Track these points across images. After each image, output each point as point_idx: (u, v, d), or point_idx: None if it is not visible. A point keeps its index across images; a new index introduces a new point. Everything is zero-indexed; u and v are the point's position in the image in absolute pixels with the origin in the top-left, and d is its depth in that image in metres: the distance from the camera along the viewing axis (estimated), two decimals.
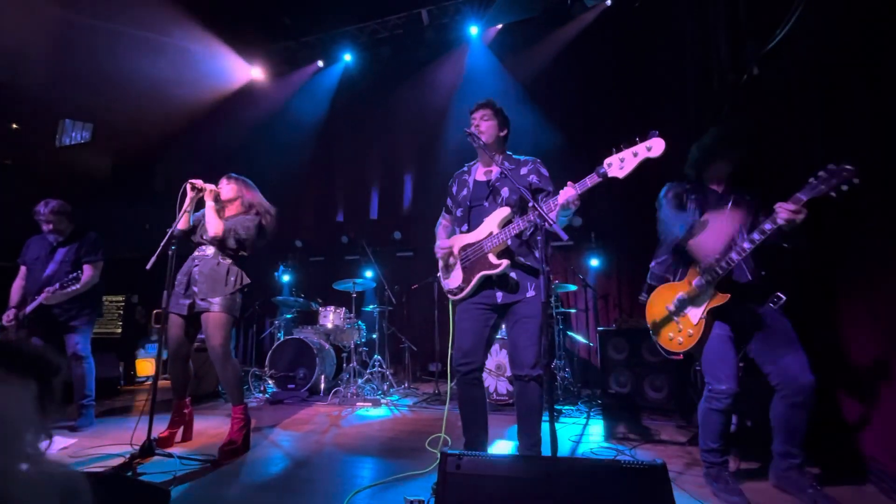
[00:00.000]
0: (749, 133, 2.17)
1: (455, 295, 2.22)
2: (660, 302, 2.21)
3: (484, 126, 2.18)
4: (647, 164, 1.70)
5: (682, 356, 2.12)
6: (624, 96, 5.25)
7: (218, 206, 2.83)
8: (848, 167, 1.68)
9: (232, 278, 2.80)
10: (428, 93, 6.24)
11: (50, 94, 6.33)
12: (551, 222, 1.63)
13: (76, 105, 6.81)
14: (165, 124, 6.67)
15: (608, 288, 5.18)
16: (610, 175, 1.69)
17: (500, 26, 5.85)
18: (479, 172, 2.28)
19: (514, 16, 5.71)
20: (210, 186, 2.82)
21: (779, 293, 1.99)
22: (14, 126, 7.02)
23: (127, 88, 6.25)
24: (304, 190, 6.94)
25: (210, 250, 2.83)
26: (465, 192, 2.28)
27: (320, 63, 6.53)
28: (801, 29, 2.62)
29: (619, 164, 1.67)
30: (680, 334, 2.09)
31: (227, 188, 2.92)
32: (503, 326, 2.23)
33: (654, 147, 1.62)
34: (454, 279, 2.21)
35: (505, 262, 2.02)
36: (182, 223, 2.78)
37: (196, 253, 2.87)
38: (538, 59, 5.81)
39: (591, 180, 1.76)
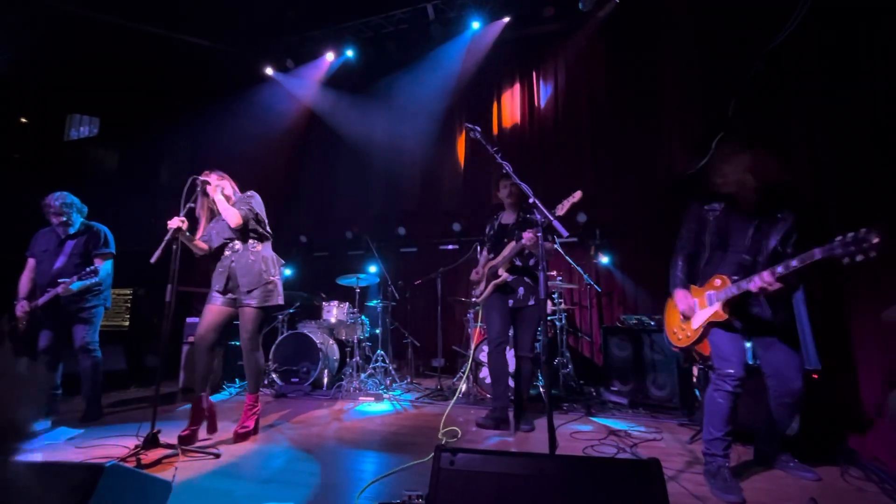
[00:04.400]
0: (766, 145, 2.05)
1: (478, 298, 3.29)
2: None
3: (515, 191, 3.13)
4: (652, 167, 1.76)
5: (678, 350, 2.33)
6: (629, 95, 5.20)
7: (223, 198, 2.87)
8: (874, 239, 1.60)
9: (270, 267, 2.90)
10: (433, 88, 6.21)
11: (58, 88, 6.39)
12: (551, 219, 1.72)
13: (84, 99, 6.86)
14: (171, 119, 6.70)
15: (612, 285, 5.16)
16: (558, 214, 2.33)
17: (506, 20, 5.79)
18: (504, 218, 3.26)
19: (519, 10, 5.65)
20: (214, 182, 2.84)
21: (780, 314, 2.08)
22: (23, 120, 7.09)
23: (134, 83, 6.29)
24: (308, 185, 6.96)
25: (238, 244, 2.88)
26: (492, 231, 3.29)
27: (328, 57, 6.50)
28: (807, 24, 2.58)
29: (562, 208, 2.40)
30: (683, 332, 2.26)
31: (225, 182, 2.95)
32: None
33: (576, 196, 2.40)
34: (480, 288, 3.26)
35: (505, 275, 3.06)
36: (201, 248, 2.90)
37: (227, 251, 2.91)
38: (546, 55, 5.77)
39: (549, 216, 2.18)
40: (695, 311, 2.17)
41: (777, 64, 2.94)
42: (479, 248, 3.47)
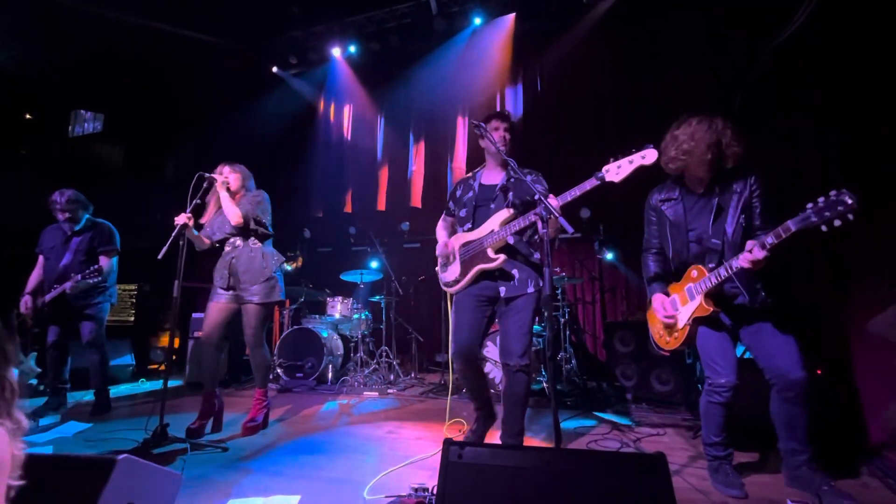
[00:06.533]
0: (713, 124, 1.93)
1: (450, 287, 2.36)
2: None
3: (508, 137, 2.33)
4: (656, 162, 1.80)
5: (668, 353, 2.16)
6: (633, 90, 5.16)
7: (231, 194, 2.89)
8: (848, 200, 1.55)
9: (269, 262, 2.90)
10: (437, 82, 6.19)
11: (63, 84, 6.40)
12: (557, 215, 1.67)
13: (88, 95, 6.88)
14: (176, 114, 6.71)
15: (616, 280, 5.16)
16: (607, 179, 1.83)
17: (513, 15, 5.76)
18: (486, 177, 2.40)
19: (522, 4, 5.62)
20: (220, 178, 2.85)
21: (767, 300, 1.95)
22: (28, 116, 7.12)
23: (138, 79, 6.29)
24: (312, 180, 6.96)
25: (239, 241, 2.90)
26: (470, 194, 2.39)
27: (332, 52, 6.48)
28: (815, 18, 2.56)
29: (616, 171, 1.82)
30: (669, 335, 2.12)
31: (233, 177, 2.95)
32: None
33: (648, 156, 1.79)
34: (451, 272, 2.35)
35: (501, 257, 2.15)
36: (203, 243, 2.92)
37: (227, 248, 2.93)
38: (550, 50, 5.73)
39: (589, 184, 1.89)
40: (678, 312, 2.05)
41: (785, 58, 2.92)
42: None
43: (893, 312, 2.10)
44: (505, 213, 2.18)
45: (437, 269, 2.49)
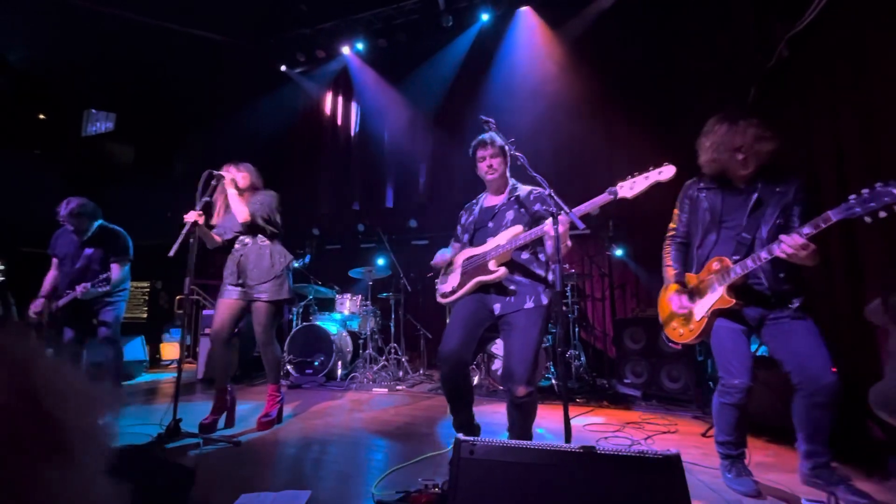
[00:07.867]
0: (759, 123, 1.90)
1: (447, 297, 2.31)
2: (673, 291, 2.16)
3: (495, 164, 2.24)
4: (666, 157, 1.78)
5: (680, 346, 2.14)
6: (647, 82, 5.10)
7: (239, 192, 2.90)
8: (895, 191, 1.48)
9: (278, 260, 2.91)
10: (445, 79, 6.17)
11: (75, 84, 6.48)
12: (567, 211, 1.66)
13: (101, 95, 6.95)
14: (186, 113, 6.76)
15: (626, 277, 5.11)
16: (619, 195, 1.81)
17: (525, 8, 5.72)
18: (487, 200, 2.38)
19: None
20: (228, 175, 2.86)
21: (794, 299, 1.89)
22: (41, 116, 7.22)
23: (149, 78, 6.35)
24: (320, 178, 6.99)
25: (248, 238, 2.92)
26: (471, 217, 2.39)
27: (340, 50, 6.49)
28: (832, 8, 2.50)
29: (630, 186, 1.80)
30: (685, 326, 2.08)
31: (241, 175, 2.96)
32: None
33: (665, 172, 1.76)
34: (449, 283, 2.31)
35: (502, 270, 2.07)
36: (215, 240, 2.92)
37: (237, 245, 2.95)
38: (556, 42, 5.68)
39: (601, 199, 1.86)
40: (693, 304, 2.02)
41: (801, 49, 2.86)
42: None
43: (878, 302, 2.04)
44: (516, 229, 2.10)
45: (436, 281, 2.44)
